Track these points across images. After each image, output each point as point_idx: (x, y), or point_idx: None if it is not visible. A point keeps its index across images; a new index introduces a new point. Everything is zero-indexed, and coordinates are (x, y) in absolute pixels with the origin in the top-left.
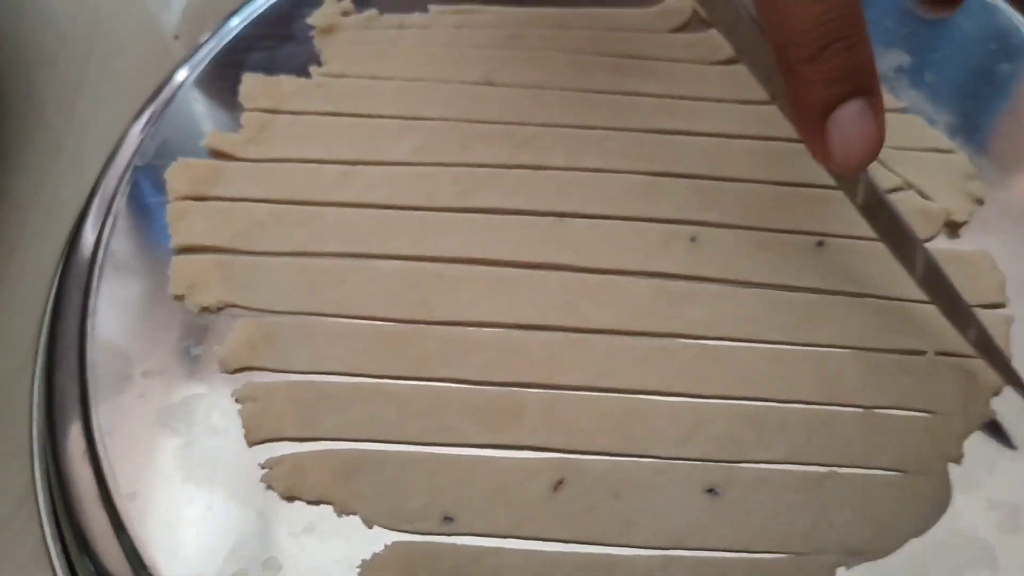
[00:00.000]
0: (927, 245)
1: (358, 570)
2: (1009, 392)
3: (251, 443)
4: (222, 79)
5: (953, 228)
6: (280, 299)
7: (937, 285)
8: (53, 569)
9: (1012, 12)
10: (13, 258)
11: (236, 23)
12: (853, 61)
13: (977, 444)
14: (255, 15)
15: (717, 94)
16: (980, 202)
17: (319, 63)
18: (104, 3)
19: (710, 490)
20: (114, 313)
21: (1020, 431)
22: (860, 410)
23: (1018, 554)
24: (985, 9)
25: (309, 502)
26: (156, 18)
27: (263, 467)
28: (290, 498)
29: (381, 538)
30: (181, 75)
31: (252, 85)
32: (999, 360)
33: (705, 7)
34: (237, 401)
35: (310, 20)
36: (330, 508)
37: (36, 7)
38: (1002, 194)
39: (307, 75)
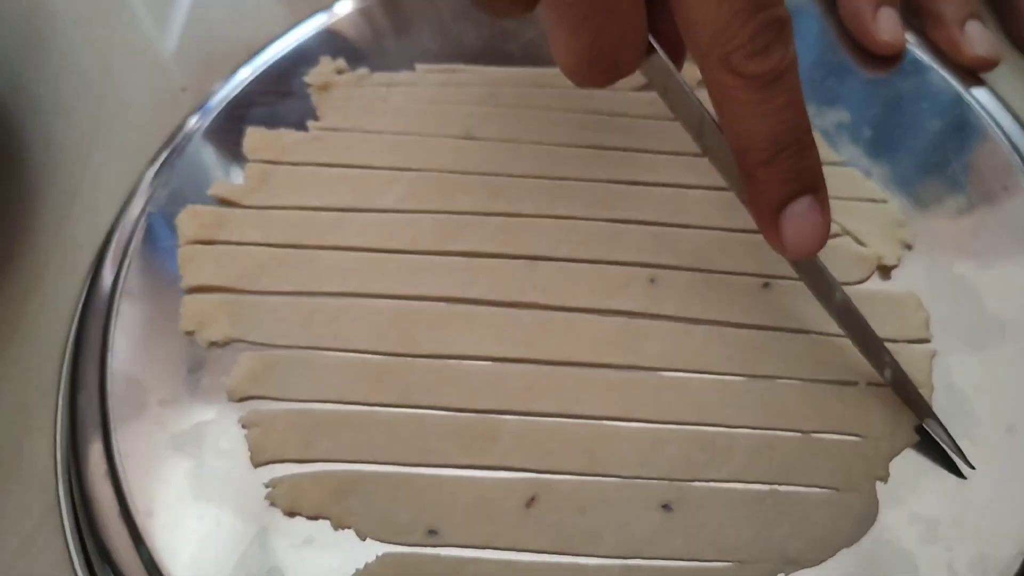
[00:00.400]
0: (861, 286)
1: None
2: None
3: (255, 464)
4: (227, 132)
5: (885, 271)
6: (280, 334)
7: (854, 327)
8: None
9: (943, 73)
10: (34, 294)
11: (240, 79)
12: (803, 164)
13: (902, 465)
14: (257, 72)
15: (674, 148)
16: (909, 247)
17: (316, 118)
18: (115, 59)
19: (665, 506)
20: (131, 347)
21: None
22: (799, 434)
23: (936, 563)
24: (918, 71)
25: (308, 517)
26: (164, 72)
27: (266, 486)
28: (291, 514)
29: (373, 550)
30: (189, 127)
31: (255, 138)
32: (913, 397)
33: (666, 100)
34: (243, 427)
35: (307, 78)
36: (327, 523)
37: (52, 62)
38: (928, 240)
39: (305, 129)
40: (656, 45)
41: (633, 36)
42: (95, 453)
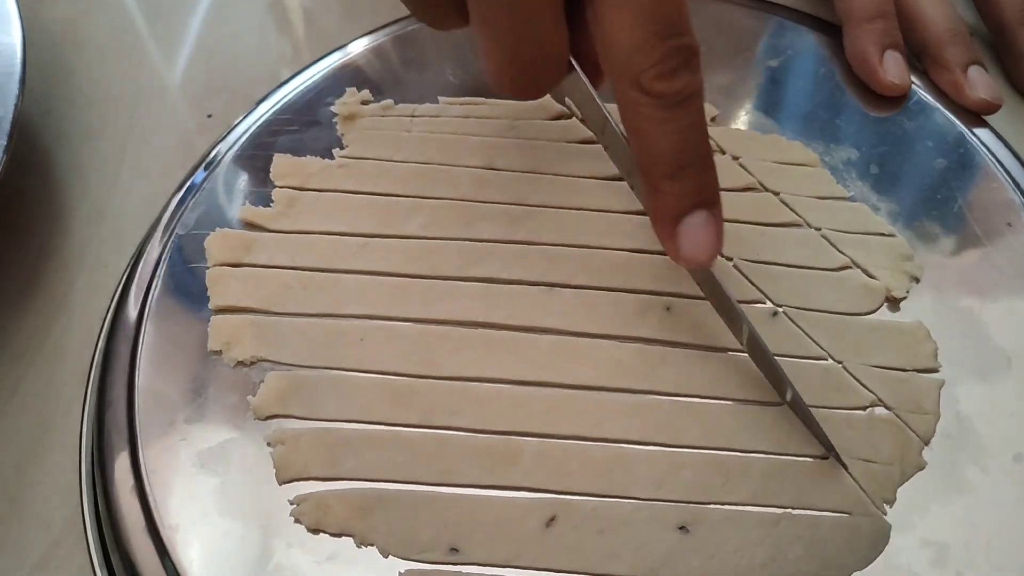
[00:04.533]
0: (871, 317)
1: None
2: (939, 441)
3: (281, 482)
4: (254, 159)
5: (894, 303)
6: (306, 355)
7: (756, 352)
8: None
9: (946, 113)
10: (61, 313)
11: (266, 108)
12: (702, 181)
13: (912, 490)
14: (284, 101)
15: None
16: (916, 280)
17: (341, 146)
18: (143, 86)
19: (682, 527)
20: (159, 366)
21: (953, 476)
22: (811, 459)
23: None
24: (923, 111)
25: (332, 534)
26: (191, 99)
27: (292, 503)
28: (315, 531)
29: (395, 566)
30: (216, 153)
31: (281, 165)
32: (810, 422)
33: (581, 109)
34: (268, 445)
35: (333, 108)
36: (350, 540)
37: (81, 89)
38: (935, 273)
39: (330, 157)
40: (576, 65)
41: (553, 53)
42: (122, 469)
